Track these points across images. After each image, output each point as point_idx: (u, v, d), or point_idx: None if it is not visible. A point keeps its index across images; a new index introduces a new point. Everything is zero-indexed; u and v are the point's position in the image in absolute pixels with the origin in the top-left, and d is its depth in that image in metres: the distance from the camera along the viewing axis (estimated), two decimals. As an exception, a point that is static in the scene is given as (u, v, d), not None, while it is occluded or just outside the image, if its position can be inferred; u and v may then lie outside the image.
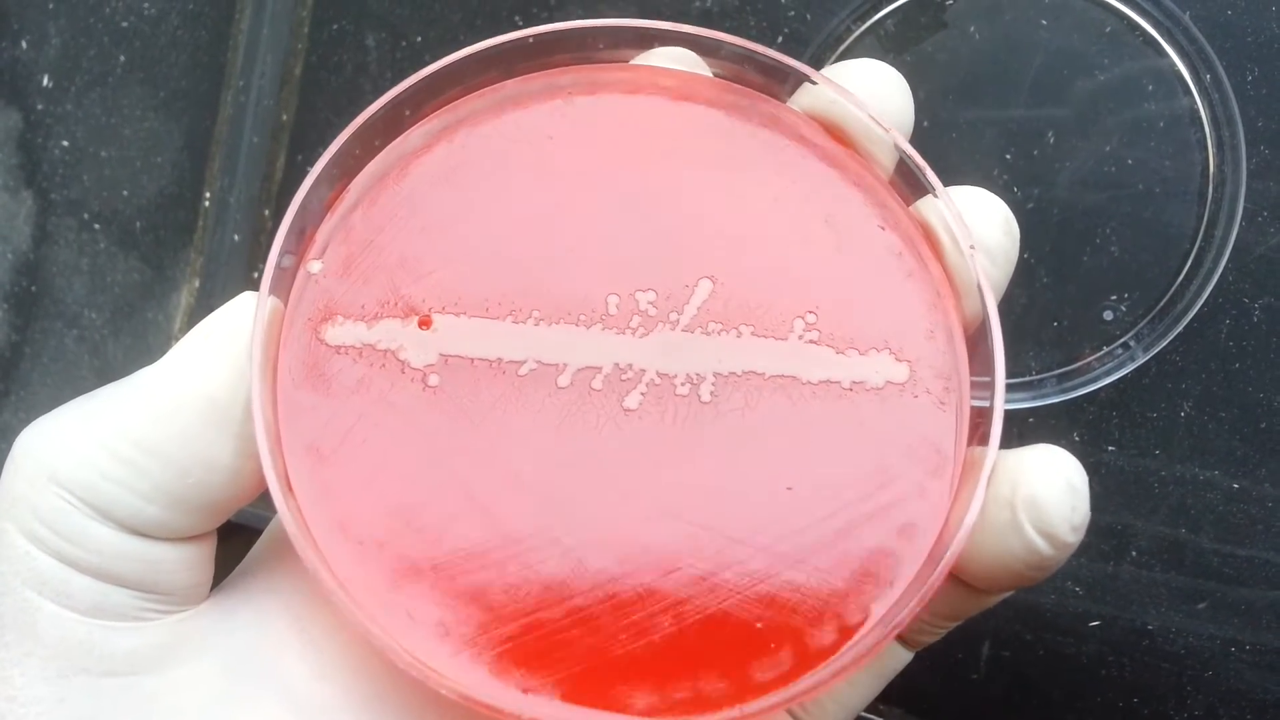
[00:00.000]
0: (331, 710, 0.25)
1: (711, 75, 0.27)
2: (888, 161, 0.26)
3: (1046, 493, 0.23)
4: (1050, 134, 0.37)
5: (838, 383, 0.25)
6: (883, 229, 0.26)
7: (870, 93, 0.26)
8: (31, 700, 0.24)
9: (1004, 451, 0.24)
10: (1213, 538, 0.36)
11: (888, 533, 0.24)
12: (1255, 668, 0.36)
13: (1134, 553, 0.37)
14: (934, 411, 0.25)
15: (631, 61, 0.27)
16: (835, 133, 0.26)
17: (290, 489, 0.25)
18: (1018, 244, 0.27)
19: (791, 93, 0.27)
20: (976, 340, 0.25)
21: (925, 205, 0.26)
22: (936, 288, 0.25)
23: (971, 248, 0.25)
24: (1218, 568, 0.36)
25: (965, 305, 0.25)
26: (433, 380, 0.25)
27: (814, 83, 0.26)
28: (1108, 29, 0.36)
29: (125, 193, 0.46)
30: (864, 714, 0.29)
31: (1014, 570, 0.24)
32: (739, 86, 0.27)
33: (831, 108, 0.26)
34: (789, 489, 0.24)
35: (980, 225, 0.26)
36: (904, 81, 0.27)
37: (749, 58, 0.26)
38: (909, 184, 0.26)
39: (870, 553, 0.24)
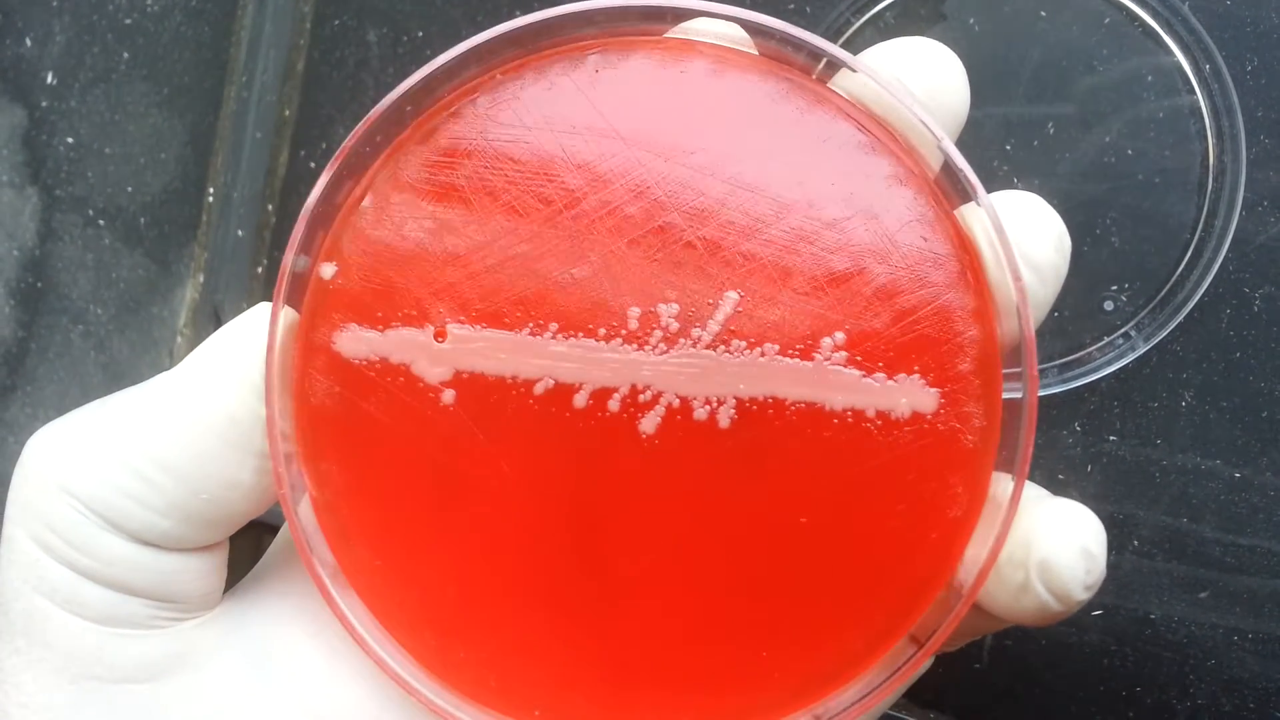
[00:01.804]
0: (348, 716, 0.25)
1: (755, 51, 0.25)
2: (934, 155, 0.24)
3: (1060, 559, 0.23)
4: (1050, 125, 0.37)
5: (862, 411, 0.23)
6: (924, 239, 0.24)
7: (919, 78, 0.25)
8: (43, 707, 0.24)
9: (1029, 494, 0.24)
10: (1214, 527, 0.36)
11: (906, 565, 0.24)
12: (1258, 656, 0.36)
13: (1136, 542, 0.37)
14: (960, 442, 0.24)
15: (671, 31, 0.25)
16: (879, 122, 0.24)
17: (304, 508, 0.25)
18: (1068, 259, 0.25)
19: (832, 75, 0.24)
20: (1009, 359, 0.24)
21: (971, 213, 0.24)
22: (975, 307, 0.24)
23: (1018, 278, 0.23)
24: (1219, 557, 0.36)
25: (1005, 324, 0.24)
26: (447, 397, 0.24)
27: (854, 70, 0.24)
28: (1107, 20, 0.36)
29: (129, 189, 0.46)
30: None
31: (1027, 618, 0.24)
32: (780, 65, 0.24)
33: (876, 96, 0.24)
34: (803, 519, 0.24)
35: (1030, 240, 0.24)
36: (959, 64, 0.25)
37: (787, 39, 0.24)
38: (955, 184, 0.24)
39: (887, 585, 0.24)
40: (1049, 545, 0.23)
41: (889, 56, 0.25)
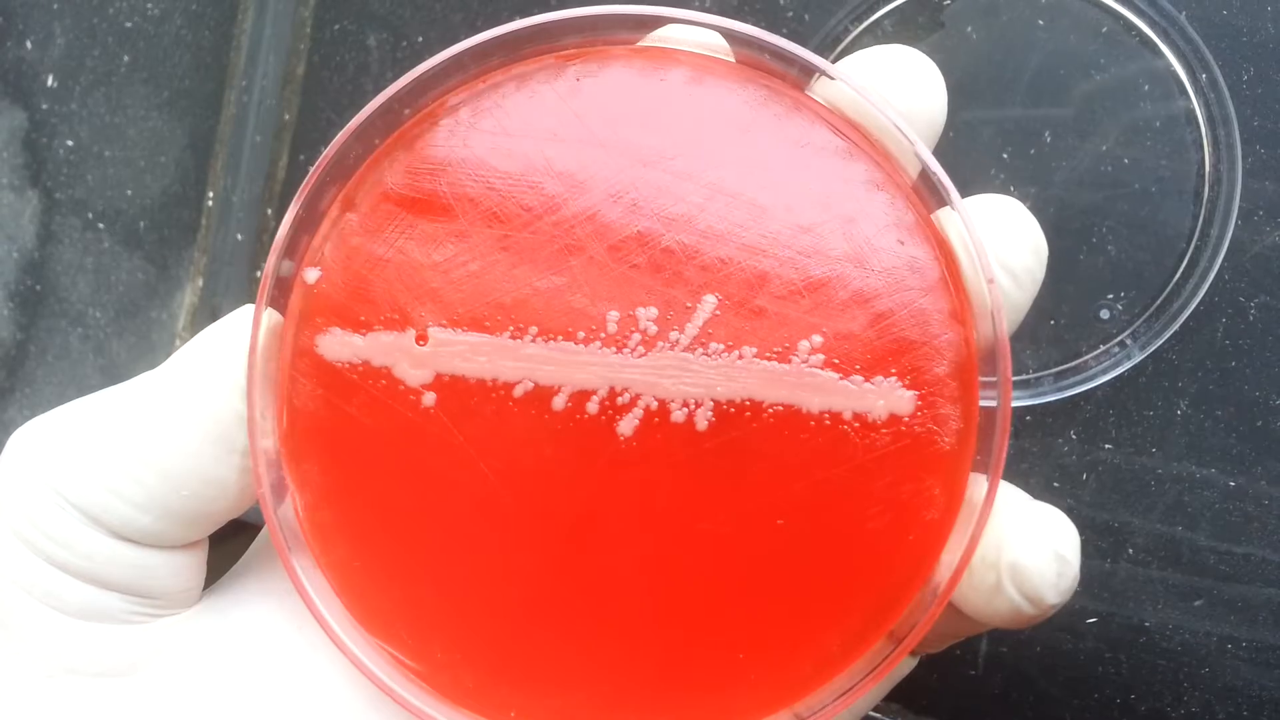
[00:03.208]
0: (324, 712, 0.25)
1: (733, 59, 0.25)
2: (912, 162, 0.24)
3: (1031, 562, 0.23)
4: (1047, 134, 0.37)
5: (839, 414, 0.24)
6: (902, 243, 0.24)
7: (898, 86, 0.25)
8: (20, 699, 0.24)
9: (1004, 496, 0.24)
10: (1209, 535, 0.36)
11: (883, 567, 0.24)
12: (1252, 664, 0.36)
13: (1131, 550, 0.37)
14: (937, 444, 0.24)
15: (654, 34, 0.25)
16: (857, 128, 0.24)
17: (282, 505, 0.25)
18: (1045, 264, 0.25)
19: (811, 83, 0.25)
20: (988, 360, 0.24)
21: (947, 217, 0.24)
22: (952, 310, 0.24)
23: (991, 281, 0.23)
24: (1214, 565, 0.36)
25: (982, 327, 0.24)
26: (428, 399, 0.24)
27: (832, 78, 0.24)
28: (1104, 29, 0.36)
29: (129, 192, 0.47)
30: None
31: (1002, 620, 0.24)
32: (757, 73, 0.25)
33: (854, 103, 0.24)
34: (780, 521, 0.24)
35: (1006, 244, 0.25)
36: (937, 73, 0.26)
37: (767, 49, 0.24)
38: (933, 189, 0.24)
39: (864, 586, 0.24)
40: (1020, 548, 0.23)
41: (867, 65, 0.25)
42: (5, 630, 0.24)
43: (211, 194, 0.46)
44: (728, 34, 0.24)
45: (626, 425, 0.24)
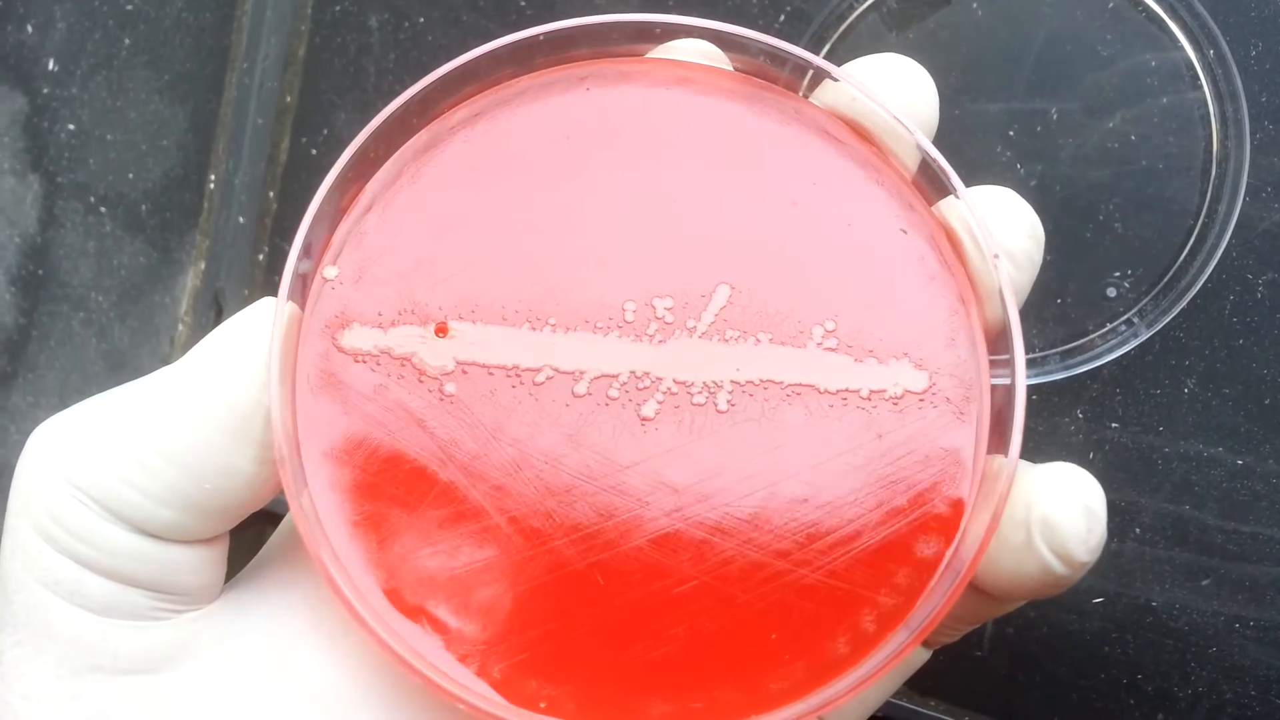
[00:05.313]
0: (350, 706, 0.25)
1: (732, 69, 0.26)
2: (911, 159, 0.25)
3: (1062, 516, 0.23)
4: (1053, 111, 0.37)
5: (855, 392, 0.24)
6: (905, 232, 0.25)
7: (894, 90, 0.26)
8: (45, 698, 0.24)
9: (1023, 465, 0.24)
10: (1216, 514, 0.36)
11: (906, 542, 0.24)
12: (1259, 644, 0.36)
13: (1137, 529, 0.37)
14: (953, 420, 0.24)
15: (651, 53, 0.26)
16: (858, 129, 0.26)
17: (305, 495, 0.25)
18: (1042, 247, 0.26)
19: (813, 87, 0.26)
20: (997, 342, 0.25)
21: (948, 206, 0.25)
22: (959, 293, 0.25)
23: (996, 256, 0.24)
24: (1221, 544, 0.36)
25: (988, 309, 0.25)
26: (449, 387, 0.25)
27: (835, 79, 0.25)
28: (1111, 5, 0.36)
29: (131, 176, 0.46)
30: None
31: (1030, 586, 0.24)
32: (760, 81, 0.26)
33: (853, 105, 0.26)
34: (804, 500, 0.24)
35: (1004, 230, 0.25)
36: (929, 78, 0.27)
37: (769, 52, 0.26)
38: (932, 183, 0.25)
39: (888, 563, 0.24)
40: (1050, 503, 0.23)
41: (862, 71, 0.27)
42: (29, 628, 0.24)
43: (213, 177, 0.46)
44: (730, 40, 0.26)
45: (648, 408, 0.25)
